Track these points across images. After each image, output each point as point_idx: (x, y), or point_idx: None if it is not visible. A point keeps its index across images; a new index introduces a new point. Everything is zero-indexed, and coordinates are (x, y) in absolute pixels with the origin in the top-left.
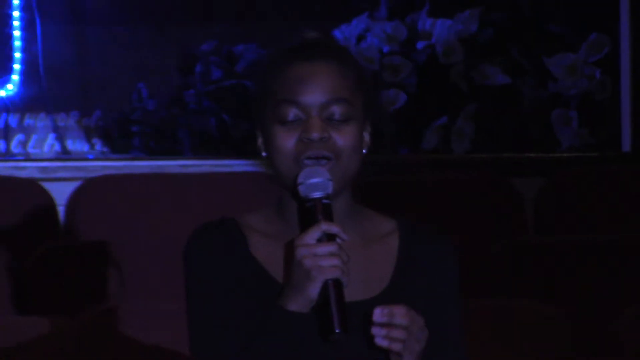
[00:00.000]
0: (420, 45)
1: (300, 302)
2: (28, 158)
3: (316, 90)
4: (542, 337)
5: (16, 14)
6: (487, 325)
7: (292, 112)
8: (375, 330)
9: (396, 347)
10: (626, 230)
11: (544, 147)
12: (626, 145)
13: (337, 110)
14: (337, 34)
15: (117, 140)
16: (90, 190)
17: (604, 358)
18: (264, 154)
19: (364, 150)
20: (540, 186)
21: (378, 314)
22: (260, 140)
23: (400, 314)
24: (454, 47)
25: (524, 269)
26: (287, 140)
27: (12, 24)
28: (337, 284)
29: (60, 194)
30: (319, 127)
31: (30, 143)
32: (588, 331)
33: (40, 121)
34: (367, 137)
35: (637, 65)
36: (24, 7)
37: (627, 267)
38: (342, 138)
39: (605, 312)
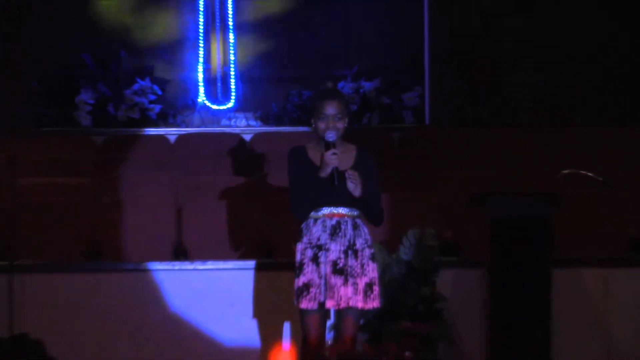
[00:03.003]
0: (361, 91)
1: (324, 174)
2: (235, 127)
3: (332, 111)
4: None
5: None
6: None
7: (325, 118)
8: (349, 181)
9: (356, 183)
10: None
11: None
12: (428, 120)
13: (338, 117)
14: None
15: (268, 121)
16: (258, 139)
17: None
18: (313, 125)
19: (345, 125)
20: (396, 137)
21: (348, 174)
22: (312, 121)
23: (353, 173)
24: (373, 93)
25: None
26: (322, 126)
27: (229, 68)
28: (336, 168)
29: (247, 139)
30: (333, 124)
31: (235, 123)
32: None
33: (239, 115)
34: (346, 122)
35: (434, 109)
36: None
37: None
38: (340, 125)
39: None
